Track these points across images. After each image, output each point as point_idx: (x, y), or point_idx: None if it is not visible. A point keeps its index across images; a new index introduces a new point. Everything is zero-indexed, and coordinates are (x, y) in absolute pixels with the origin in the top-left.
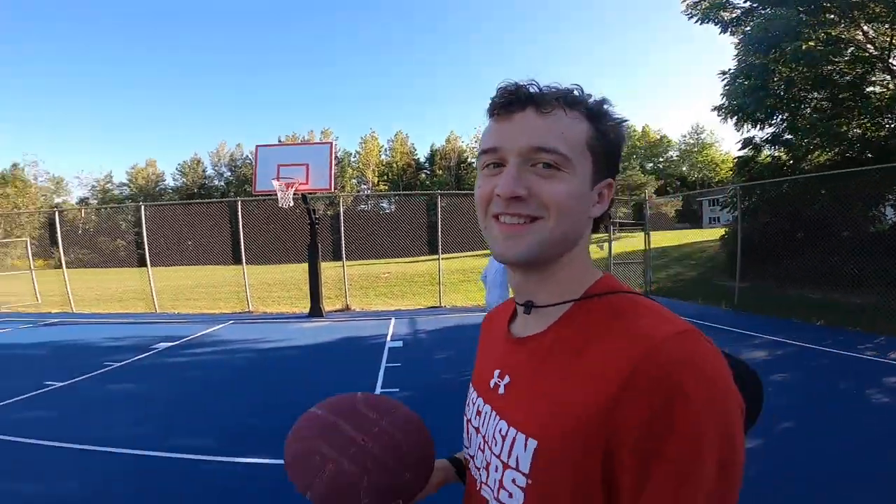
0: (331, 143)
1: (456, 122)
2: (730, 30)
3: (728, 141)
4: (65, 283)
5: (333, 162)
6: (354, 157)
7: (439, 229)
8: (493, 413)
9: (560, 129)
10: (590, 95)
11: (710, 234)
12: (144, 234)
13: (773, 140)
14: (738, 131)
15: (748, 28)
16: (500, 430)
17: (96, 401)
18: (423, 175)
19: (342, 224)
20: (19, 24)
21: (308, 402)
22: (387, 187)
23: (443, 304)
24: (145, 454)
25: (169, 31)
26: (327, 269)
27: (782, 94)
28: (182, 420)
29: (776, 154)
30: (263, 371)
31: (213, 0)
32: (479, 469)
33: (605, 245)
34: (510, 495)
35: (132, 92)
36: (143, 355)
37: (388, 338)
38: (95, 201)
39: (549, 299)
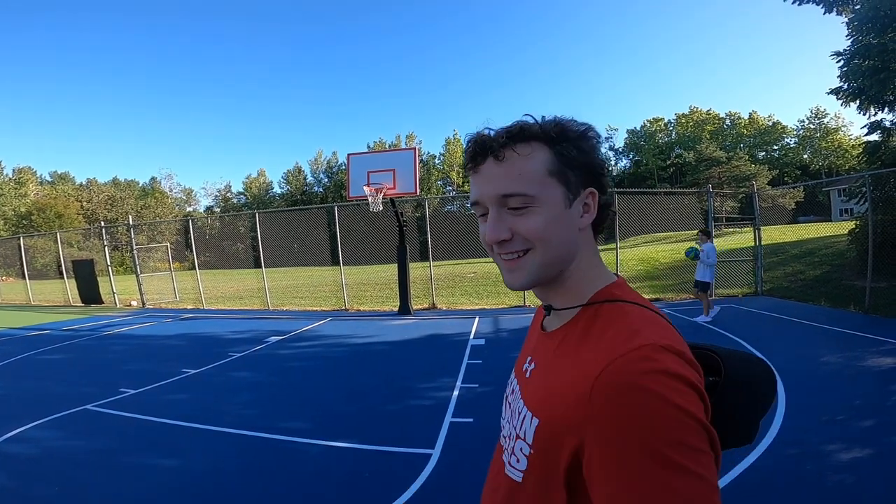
0: (415, 149)
1: None
2: (835, 9)
3: (857, 125)
4: (198, 283)
5: (418, 166)
6: (439, 158)
7: None
8: (519, 393)
9: (516, 171)
10: (543, 119)
11: (839, 228)
12: (259, 238)
13: None
14: (864, 114)
15: (857, 6)
16: (520, 408)
17: (220, 386)
18: None
19: (428, 226)
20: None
21: (393, 392)
22: None
23: (527, 304)
24: (253, 434)
25: (266, 49)
26: (415, 269)
27: None
28: (285, 405)
29: None
30: (356, 364)
31: (304, 24)
32: (506, 438)
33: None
34: (517, 460)
35: (244, 105)
36: (258, 347)
37: (472, 335)
38: (218, 209)
39: (562, 304)
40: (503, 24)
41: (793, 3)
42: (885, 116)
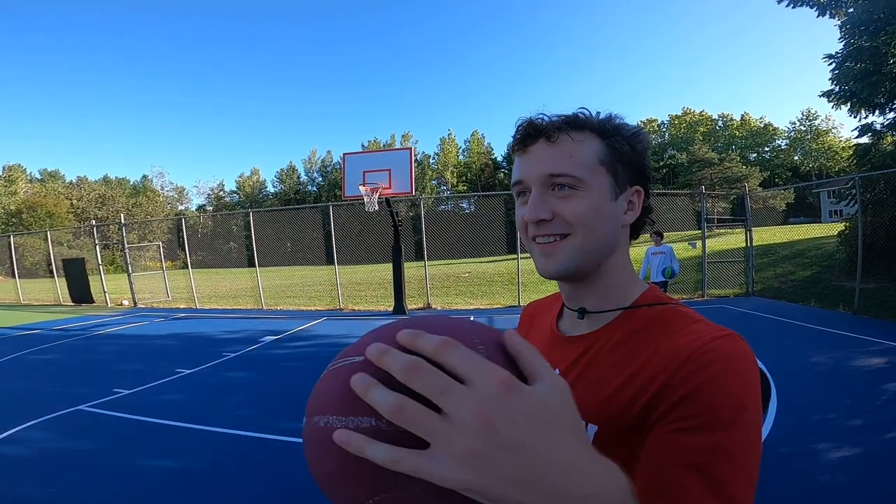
0: (410, 149)
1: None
2: (828, 12)
3: (848, 127)
4: (190, 282)
5: (413, 166)
6: (433, 158)
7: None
8: None
9: (567, 153)
10: (598, 114)
11: (828, 230)
12: (253, 237)
13: None
14: (855, 117)
15: (850, 9)
16: None
17: (215, 387)
18: (502, 174)
19: (423, 225)
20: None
21: None
22: (465, 188)
23: (521, 304)
24: (250, 435)
25: (261, 48)
26: (410, 268)
27: None
28: (281, 405)
29: None
30: None
31: (296, 24)
32: None
33: (698, 243)
34: None
35: (238, 103)
36: (252, 347)
37: None
38: (211, 208)
39: (598, 305)
40: (498, 25)
41: (787, 6)
42: (876, 119)
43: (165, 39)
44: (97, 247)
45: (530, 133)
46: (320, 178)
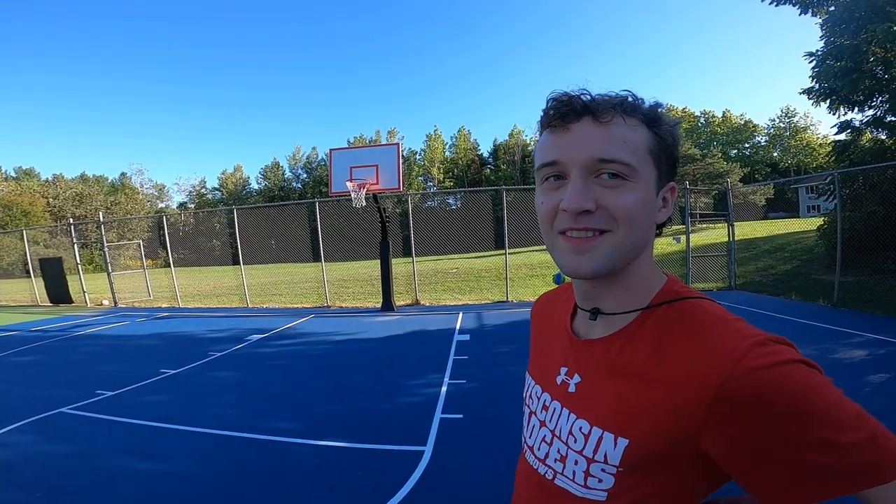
0: (397, 144)
1: (518, 116)
2: (810, 10)
3: (825, 124)
4: (172, 281)
5: (401, 161)
6: (420, 154)
7: (505, 224)
8: (566, 410)
9: (621, 137)
10: (643, 100)
11: (807, 225)
12: (238, 235)
13: (875, 123)
14: (834, 114)
15: (832, 8)
16: (581, 428)
17: (201, 387)
18: (488, 170)
19: (411, 221)
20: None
21: (381, 389)
22: (452, 183)
23: (510, 299)
24: (239, 435)
25: (244, 42)
26: (398, 265)
27: (881, 74)
28: (270, 405)
29: (879, 138)
30: (341, 361)
31: (282, 17)
32: (543, 460)
33: (682, 238)
34: (599, 480)
35: (219, 98)
36: (239, 346)
37: (456, 331)
38: (193, 205)
39: (616, 307)
40: (485, 21)
41: (770, 4)
42: (855, 116)
43: (144, 33)
44: (75, 246)
45: (575, 108)
46: (305, 175)
